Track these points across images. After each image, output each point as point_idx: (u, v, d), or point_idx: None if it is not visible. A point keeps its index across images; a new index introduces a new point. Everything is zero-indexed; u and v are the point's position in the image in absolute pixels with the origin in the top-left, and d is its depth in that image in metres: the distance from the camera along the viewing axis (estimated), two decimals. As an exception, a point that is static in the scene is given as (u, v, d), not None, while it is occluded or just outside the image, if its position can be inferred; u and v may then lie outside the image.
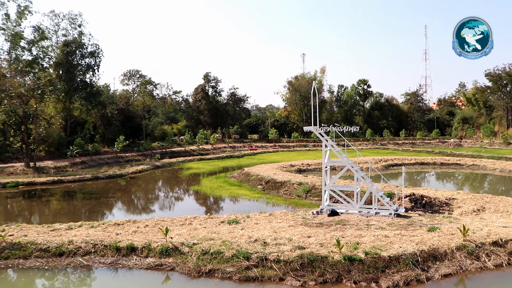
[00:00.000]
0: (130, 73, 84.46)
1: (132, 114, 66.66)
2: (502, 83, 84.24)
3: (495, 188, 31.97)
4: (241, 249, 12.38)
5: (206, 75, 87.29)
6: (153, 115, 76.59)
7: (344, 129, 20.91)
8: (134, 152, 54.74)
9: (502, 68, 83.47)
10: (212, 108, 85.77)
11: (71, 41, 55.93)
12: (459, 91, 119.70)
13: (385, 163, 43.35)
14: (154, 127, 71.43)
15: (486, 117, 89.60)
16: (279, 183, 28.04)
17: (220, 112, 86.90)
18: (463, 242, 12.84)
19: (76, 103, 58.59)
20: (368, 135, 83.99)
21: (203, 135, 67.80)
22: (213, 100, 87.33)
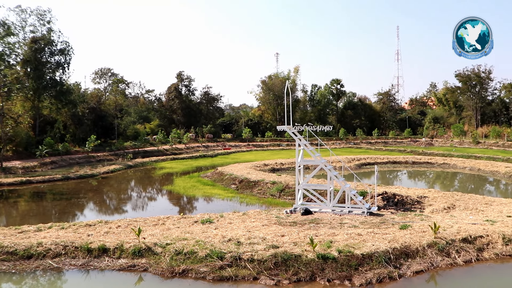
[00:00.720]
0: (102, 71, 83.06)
1: (104, 113, 65.67)
2: (471, 84, 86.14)
3: (465, 186, 32.65)
4: (214, 248, 12.33)
5: (179, 74, 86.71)
6: (126, 114, 75.57)
7: (318, 128, 21.04)
8: (106, 151, 53.92)
9: (471, 69, 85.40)
10: (186, 107, 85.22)
11: (39, 38, 54.41)
12: (430, 91, 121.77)
13: (358, 162, 43.82)
14: (126, 127, 70.54)
15: (456, 116, 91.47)
16: (253, 183, 28.05)
17: (193, 111, 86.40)
18: (434, 240, 13.08)
19: (46, 101, 57.15)
20: (341, 134, 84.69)
21: (176, 135, 67.29)
22: (187, 99, 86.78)
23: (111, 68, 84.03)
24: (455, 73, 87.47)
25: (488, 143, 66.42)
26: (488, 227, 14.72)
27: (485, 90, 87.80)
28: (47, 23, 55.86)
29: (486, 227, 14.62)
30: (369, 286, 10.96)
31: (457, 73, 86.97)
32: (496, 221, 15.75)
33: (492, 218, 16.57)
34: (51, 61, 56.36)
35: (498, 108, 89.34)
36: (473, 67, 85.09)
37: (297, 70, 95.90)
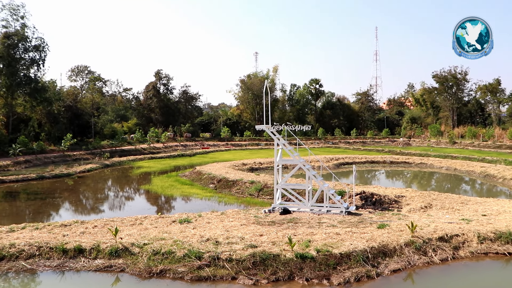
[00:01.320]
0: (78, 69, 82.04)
1: (80, 112, 64.76)
2: (448, 85, 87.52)
3: (442, 185, 33.10)
4: (193, 248, 12.23)
5: (157, 72, 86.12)
6: (103, 113, 74.73)
7: (296, 128, 21.06)
8: (83, 150, 53.16)
9: (448, 70, 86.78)
10: (164, 106, 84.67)
11: (12, 33, 53.00)
12: (408, 92, 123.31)
13: (337, 161, 44.08)
14: (103, 125, 69.73)
15: (433, 117, 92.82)
16: (231, 182, 27.98)
17: (171, 110, 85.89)
18: (411, 238, 13.20)
19: (19, 99, 56.03)
20: (320, 134, 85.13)
21: (154, 134, 66.78)
22: (165, 98, 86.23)
23: (88, 66, 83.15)
24: (432, 74, 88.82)
25: (464, 143, 67.56)
26: (464, 226, 14.93)
27: (461, 91, 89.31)
28: (21, 18, 54.55)
29: (462, 226, 14.83)
30: (347, 285, 10.99)
31: (434, 74, 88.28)
32: (471, 220, 16.00)
33: (467, 217, 16.82)
34: (25, 58, 55.10)
35: (473, 109, 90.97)
36: (450, 68, 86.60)
37: (276, 69, 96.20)
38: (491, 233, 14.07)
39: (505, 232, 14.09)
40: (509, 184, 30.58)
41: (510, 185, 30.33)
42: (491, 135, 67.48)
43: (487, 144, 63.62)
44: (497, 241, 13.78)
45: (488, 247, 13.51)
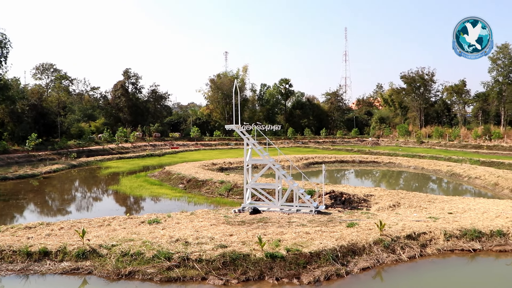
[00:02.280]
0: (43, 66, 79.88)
1: (45, 111, 63.17)
2: (416, 85, 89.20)
3: (409, 184, 33.70)
4: (162, 249, 12.08)
5: (126, 71, 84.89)
6: (69, 112, 73.02)
7: (266, 127, 21.09)
8: (48, 150, 51.88)
9: (416, 71, 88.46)
10: (132, 105, 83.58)
11: (-28, 29, 51.43)
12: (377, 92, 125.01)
13: (306, 161, 44.37)
14: (70, 125, 68.27)
15: (402, 117, 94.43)
16: (201, 182, 27.84)
17: (140, 110, 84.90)
18: (380, 237, 13.38)
19: (-20, 97, 54.31)
20: (290, 133, 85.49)
21: (123, 133, 65.81)
22: (133, 97, 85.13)
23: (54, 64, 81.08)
24: (400, 74, 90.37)
25: (431, 142, 69.01)
26: (431, 223, 15.22)
27: (428, 91, 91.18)
28: (-19, 13, 52.73)
29: (429, 224, 15.11)
30: (317, 283, 11.05)
31: (402, 75, 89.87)
32: (438, 218, 16.32)
33: (434, 215, 17.16)
34: (-15, 54, 53.37)
35: (440, 109, 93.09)
36: (417, 69, 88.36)
37: (246, 69, 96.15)
38: (457, 231, 14.39)
39: (470, 230, 14.44)
40: (474, 182, 31.36)
41: (475, 183, 31.10)
42: (457, 135, 69.12)
43: (453, 144, 65.14)
44: (462, 238, 14.11)
45: (454, 244, 13.82)
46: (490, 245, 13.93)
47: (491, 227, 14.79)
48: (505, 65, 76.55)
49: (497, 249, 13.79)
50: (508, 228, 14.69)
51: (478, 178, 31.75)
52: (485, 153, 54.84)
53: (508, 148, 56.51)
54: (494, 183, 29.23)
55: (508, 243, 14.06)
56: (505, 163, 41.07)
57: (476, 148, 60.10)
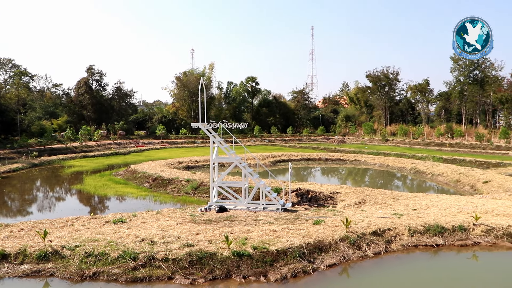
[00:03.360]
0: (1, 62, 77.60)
1: (4, 108, 61.04)
2: (381, 84, 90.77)
3: (375, 181, 34.21)
4: (127, 249, 11.87)
5: (89, 67, 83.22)
6: (30, 109, 70.89)
7: (233, 125, 21.04)
8: (7, 149, 50.25)
9: (381, 70, 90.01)
10: (96, 103, 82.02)
11: None
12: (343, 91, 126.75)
13: (273, 159, 44.51)
14: (30, 122, 66.26)
15: (367, 115, 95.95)
16: (167, 180, 27.57)
17: (104, 107, 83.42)
18: (346, 234, 13.51)
19: None
20: (256, 131, 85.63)
21: (87, 131, 64.52)
22: (97, 95, 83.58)
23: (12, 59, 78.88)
24: (366, 73, 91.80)
25: (396, 140, 70.34)
26: (395, 220, 15.47)
27: (393, 90, 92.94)
28: None
29: (393, 220, 15.35)
30: (284, 281, 11.06)
31: (367, 74, 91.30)
32: (402, 214, 16.60)
33: (399, 211, 17.45)
34: None
35: (405, 108, 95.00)
36: (382, 68, 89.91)
37: (212, 67, 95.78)
38: (420, 227, 14.67)
39: (433, 225, 14.76)
40: (437, 179, 32.09)
41: (438, 180, 31.83)
42: (421, 133, 70.67)
43: (417, 142, 66.61)
44: (426, 234, 14.39)
45: (418, 240, 14.09)
46: (452, 240, 14.27)
47: (453, 222, 15.16)
48: (466, 65, 78.79)
49: (458, 243, 14.14)
50: (469, 224, 15.07)
51: (441, 175, 32.50)
52: (447, 150, 56.26)
53: (469, 146, 58.16)
54: (456, 180, 29.98)
55: (469, 238, 14.44)
56: (466, 160, 42.24)
57: (439, 145, 61.61)
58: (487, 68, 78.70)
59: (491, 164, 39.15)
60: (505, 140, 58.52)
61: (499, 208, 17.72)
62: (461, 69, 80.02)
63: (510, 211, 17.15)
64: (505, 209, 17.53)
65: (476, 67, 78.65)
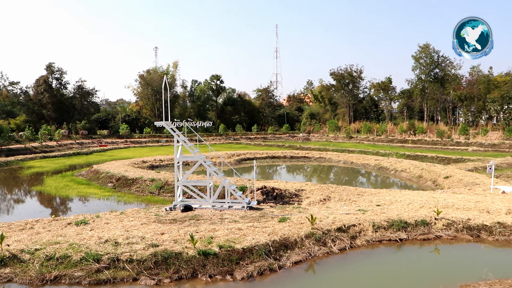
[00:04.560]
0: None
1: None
2: (345, 82, 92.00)
3: (339, 178, 34.59)
4: (90, 251, 11.57)
5: (49, 65, 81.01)
6: (-16, 108, 68.65)
7: (197, 124, 20.85)
8: (-38, 150, 48.61)
9: (345, 68, 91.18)
10: (57, 101, 80.00)
11: None
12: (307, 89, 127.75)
13: (238, 157, 44.46)
14: (-15, 122, 64.12)
15: (331, 113, 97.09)
16: (131, 180, 27.15)
17: (65, 106, 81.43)
18: (311, 230, 13.57)
19: None
20: (221, 130, 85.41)
21: (47, 131, 62.76)
22: (58, 93, 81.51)
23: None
24: (330, 71, 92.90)
25: (360, 137, 71.42)
26: (360, 216, 15.65)
27: (357, 88, 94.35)
28: None
29: (358, 216, 15.52)
30: (250, 279, 11.03)
31: (331, 72, 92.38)
32: (367, 210, 16.82)
33: (363, 207, 17.67)
34: None
35: (368, 105, 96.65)
36: (346, 67, 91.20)
37: (176, 65, 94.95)
38: (384, 222, 14.90)
39: (397, 220, 15.02)
40: (400, 175, 32.72)
41: (401, 176, 32.45)
42: (384, 130, 72.01)
43: (380, 139, 67.80)
44: (390, 229, 14.63)
45: (382, 235, 14.30)
46: (415, 235, 14.56)
47: (416, 217, 15.46)
48: (427, 63, 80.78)
49: (421, 237, 14.44)
50: (431, 218, 15.41)
51: (404, 171, 33.15)
52: (410, 147, 57.54)
53: (431, 142, 59.62)
54: (418, 176, 30.64)
55: (431, 232, 14.76)
56: (428, 156, 43.25)
57: (402, 142, 62.89)
58: (447, 66, 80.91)
59: (452, 160, 40.18)
60: (464, 137, 60.30)
61: (459, 203, 18.18)
62: (422, 68, 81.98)
63: (470, 205, 17.62)
64: (464, 203, 17.99)
65: (436, 65, 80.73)
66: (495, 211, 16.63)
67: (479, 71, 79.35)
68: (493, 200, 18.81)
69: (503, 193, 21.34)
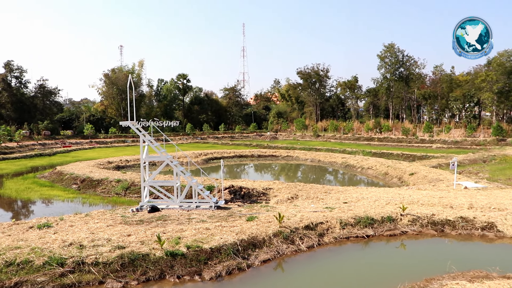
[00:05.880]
0: None
1: None
2: (312, 81, 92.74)
3: (307, 176, 34.81)
4: (54, 255, 11.25)
5: (7, 63, 78.39)
6: None
7: (164, 123, 20.59)
8: None
9: (311, 67, 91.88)
10: (17, 101, 77.63)
11: None
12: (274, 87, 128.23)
13: (205, 157, 44.27)
14: None
15: (299, 111, 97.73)
16: (96, 181, 26.64)
17: (26, 106, 79.11)
18: (279, 229, 13.58)
19: None
20: (188, 129, 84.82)
21: (6, 132, 60.78)
22: (18, 92, 79.12)
23: None
24: (297, 70, 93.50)
25: (327, 136, 72.10)
26: (327, 213, 15.77)
27: (323, 87, 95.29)
28: None
29: (325, 214, 15.64)
30: (219, 279, 10.96)
31: (298, 71, 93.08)
32: (334, 208, 16.95)
33: (331, 205, 17.81)
34: None
35: (335, 104, 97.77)
36: (313, 65, 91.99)
37: (142, 64, 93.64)
38: (351, 219, 15.06)
39: (363, 217, 15.21)
40: (367, 173, 33.17)
41: (368, 173, 32.90)
42: (351, 128, 72.91)
43: (347, 137, 68.65)
44: (357, 226, 14.80)
45: (349, 232, 14.44)
46: (381, 231, 14.77)
47: (382, 213, 15.71)
48: (392, 63, 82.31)
49: (387, 233, 14.66)
50: (397, 214, 15.69)
51: (370, 168, 33.63)
52: (376, 144, 58.44)
53: (397, 140, 60.77)
54: (385, 173, 31.13)
55: (397, 228, 15.03)
56: (394, 153, 44.03)
57: (368, 140, 63.87)
58: (412, 66, 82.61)
59: (417, 157, 41.01)
60: (428, 134, 61.68)
61: (424, 198, 18.56)
62: (387, 67, 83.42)
63: (434, 201, 18.02)
64: (429, 199, 18.38)
65: (401, 64, 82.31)
66: (458, 206, 17.07)
67: (442, 70, 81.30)
68: (456, 196, 19.29)
69: (465, 189, 21.91)
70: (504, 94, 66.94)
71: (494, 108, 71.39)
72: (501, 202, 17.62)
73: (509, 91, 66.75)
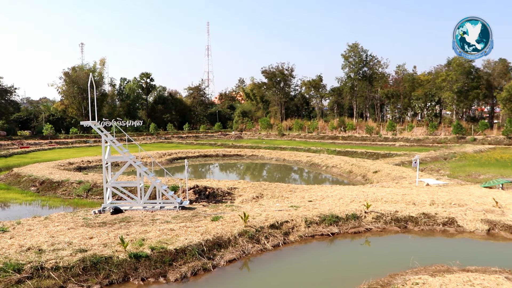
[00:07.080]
0: None
1: None
2: (276, 80, 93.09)
3: (272, 175, 34.84)
4: (10, 261, 10.80)
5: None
6: None
7: (127, 123, 20.19)
8: None
9: (276, 66, 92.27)
10: (-30, 101, 74.88)
11: None
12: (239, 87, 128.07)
13: (169, 157, 43.82)
14: None
15: (263, 110, 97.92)
16: (56, 183, 25.91)
17: (-20, 106, 76.35)
18: (244, 228, 13.51)
19: None
20: (152, 129, 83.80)
21: (-43, 133, 58.65)
22: (-30, 92, 76.32)
23: None
24: (262, 69, 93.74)
25: (292, 135, 72.46)
26: (292, 212, 15.79)
27: (288, 86, 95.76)
28: None
29: (291, 213, 15.65)
30: (184, 280, 10.83)
31: (263, 70, 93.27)
32: (299, 206, 16.99)
33: (296, 203, 17.85)
34: None
35: (300, 103, 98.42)
36: (278, 65, 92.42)
37: (104, 62, 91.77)
38: (316, 217, 15.13)
39: (328, 215, 15.32)
40: (332, 171, 33.46)
41: (332, 172, 33.19)
42: (316, 127, 73.54)
43: (312, 136, 69.17)
44: (322, 224, 14.88)
45: (314, 230, 14.52)
46: (346, 228, 14.93)
47: (347, 211, 15.85)
48: (356, 62, 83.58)
49: (352, 231, 14.83)
50: (361, 212, 15.88)
51: (335, 166, 33.95)
52: (340, 143, 59.11)
53: (361, 138, 61.67)
54: (349, 171, 31.48)
55: (361, 225, 15.21)
56: (358, 152, 44.64)
57: (332, 139, 64.54)
58: (375, 65, 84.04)
59: (380, 155, 41.69)
60: (392, 132, 62.90)
61: (388, 196, 18.83)
62: (351, 66, 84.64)
63: (397, 198, 18.32)
64: (392, 196, 18.67)
65: (364, 64, 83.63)
66: (420, 203, 17.41)
67: (404, 70, 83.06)
68: (419, 192, 19.65)
69: (427, 186, 22.37)
70: (464, 93, 69.02)
71: (454, 107, 73.47)
72: (461, 198, 18.09)
73: (468, 91, 68.80)
